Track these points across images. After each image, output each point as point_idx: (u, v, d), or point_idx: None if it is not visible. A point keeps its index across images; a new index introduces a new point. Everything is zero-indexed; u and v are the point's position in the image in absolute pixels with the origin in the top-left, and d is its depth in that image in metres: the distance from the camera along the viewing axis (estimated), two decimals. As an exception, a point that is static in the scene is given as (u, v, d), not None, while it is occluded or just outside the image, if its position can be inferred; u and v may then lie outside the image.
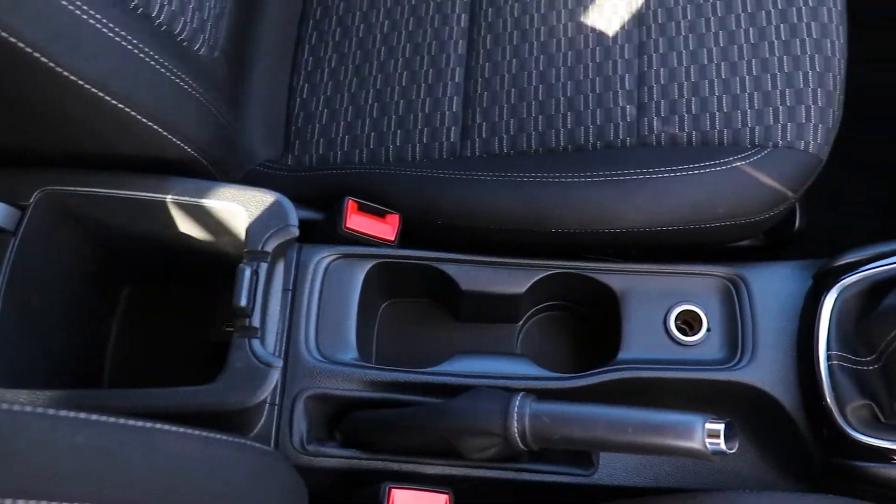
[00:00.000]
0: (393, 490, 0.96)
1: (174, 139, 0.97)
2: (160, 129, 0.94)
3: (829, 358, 1.03)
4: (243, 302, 0.89)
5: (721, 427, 0.86)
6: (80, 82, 0.84)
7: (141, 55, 0.92)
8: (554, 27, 1.19)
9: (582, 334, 1.18)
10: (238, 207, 0.94)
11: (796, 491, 1.06)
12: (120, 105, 0.90)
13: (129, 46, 0.90)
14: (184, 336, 1.13)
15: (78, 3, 0.82)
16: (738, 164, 1.07)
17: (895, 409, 0.99)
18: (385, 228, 1.10)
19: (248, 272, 0.90)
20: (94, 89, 0.86)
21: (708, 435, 0.86)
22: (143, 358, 1.13)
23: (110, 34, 0.87)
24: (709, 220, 1.07)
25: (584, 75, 1.16)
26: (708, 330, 1.09)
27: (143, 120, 0.93)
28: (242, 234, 0.95)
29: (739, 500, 0.95)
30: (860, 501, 0.95)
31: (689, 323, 1.11)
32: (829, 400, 1.02)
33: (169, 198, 0.95)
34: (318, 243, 1.10)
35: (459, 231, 1.11)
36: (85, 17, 0.84)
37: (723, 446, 0.86)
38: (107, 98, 0.87)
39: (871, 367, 1.01)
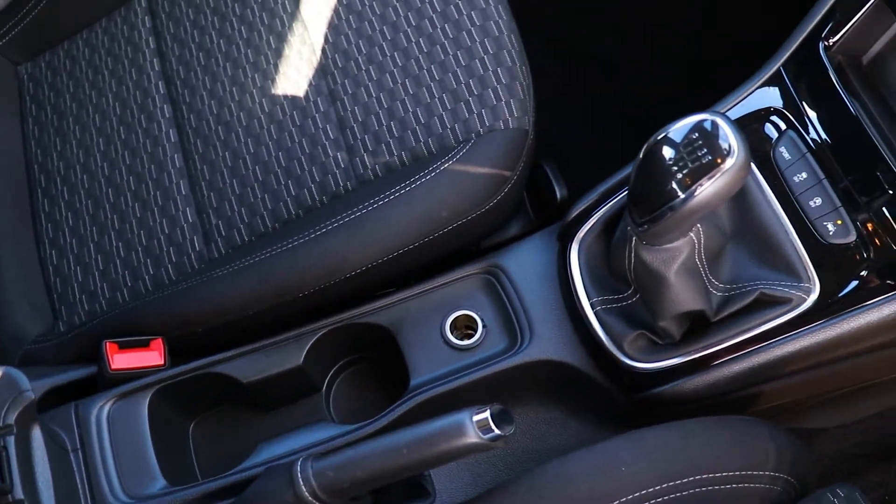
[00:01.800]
0: None
1: None
2: None
3: (593, 306, 1.05)
4: (-6, 482, 0.89)
5: (486, 414, 0.87)
6: None
7: None
8: (251, 108, 1.23)
9: (384, 377, 1.19)
10: (-30, 394, 0.94)
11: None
12: None
13: None
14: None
15: None
16: (445, 165, 1.10)
17: (663, 327, 1.01)
18: (151, 355, 1.11)
19: (-10, 452, 0.90)
20: None
21: (478, 426, 0.87)
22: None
23: None
24: (440, 226, 1.10)
25: (292, 141, 1.20)
26: (484, 327, 1.11)
27: None
28: (-15, 418, 0.95)
29: (546, 472, 0.96)
30: (655, 427, 0.97)
31: (470, 326, 1.13)
32: (606, 344, 1.04)
33: None
34: (97, 394, 1.10)
35: (223, 329, 1.13)
36: None
37: (497, 431, 0.87)
38: None
39: (633, 300, 1.03)
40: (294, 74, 1.23)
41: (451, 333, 1.11)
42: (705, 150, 0.85)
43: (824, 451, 1.41)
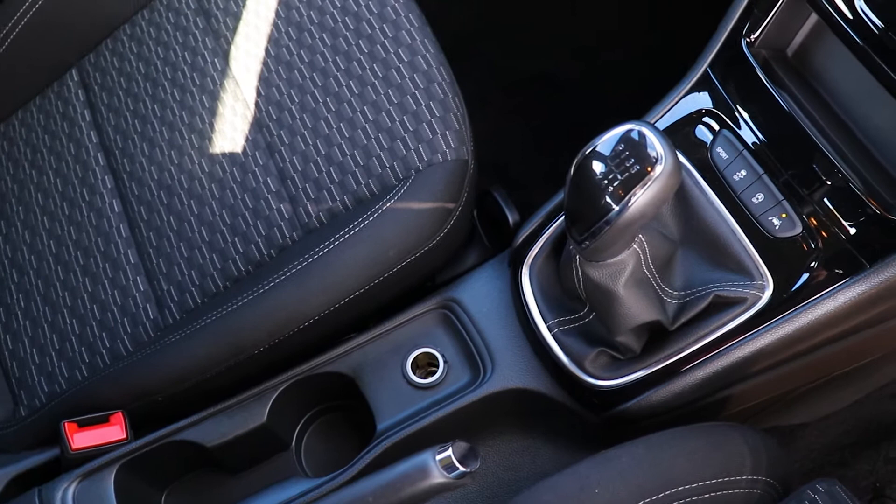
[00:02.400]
0: None
1: None
2: None
3: (550, 329, 1.04)
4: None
5: (449, 452, 0.86)
6: None
7: None
8: (191, 170, 1.22)
9: (354, 425, 1.17)
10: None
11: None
12: None
13: None
14: None
15: None
16: (387, 205, 1.09)
17: (621, 342, 1.00)
18: (113, 430, 1.09)
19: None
20: None
21: (442, 465, 0.86)
22: None
23: None
24: (389, 266, 1.09)
25: (234, 198, 1.19)
26: (446, 362, 1.10)
27: None
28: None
29: None
30: (625, 444, 0.95)
31: (432, 364, 1.11)
32: (567, 365, 1.03)
33: None
34: (60, 476, 1.08)
35: (183, 395, 1.11)
36: None
37: (461, 468, 0.86)
38: None
39: (589, 318, 1.02)
40: (230, 131, 1.22)
41: (413, 373, 1.09)
42: (633, 160, 0.84)
43: (810, 445, 1.39)
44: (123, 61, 1.33)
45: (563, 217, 1.06)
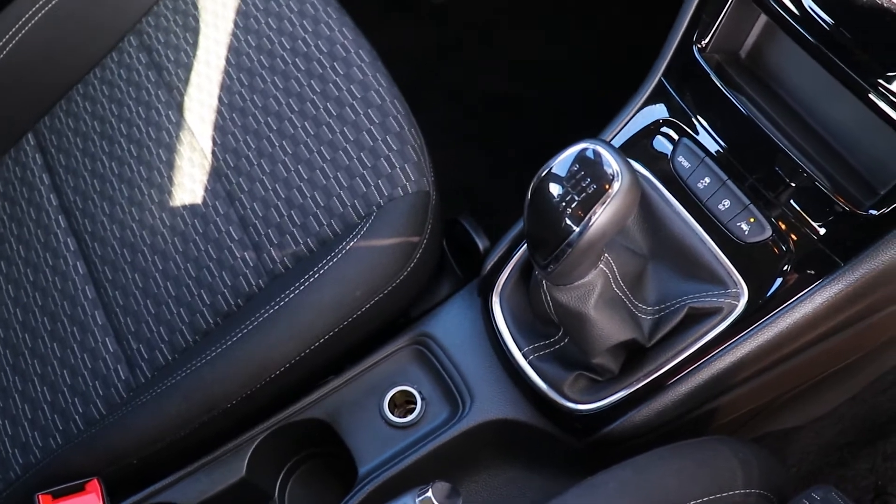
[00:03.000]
0: None
1: None
2: None
3: (525, 356, 1.02)
4: None
5: (429, 494, 0.83)
6: None
7: None
8: (153, 225, 1.20)
9: (337, 470, 1.14)
10: None
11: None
12: None
13: None
14: None
15: None
16: (350, 244, 1.07)
17: (598, 364, 0.98)
18: (89, 499, 1.06)
19: None
20: None
21: (424, 509, 0.83)
22: None
23: None
24: (357, 307, 1.07)
25: (198, 250, 1.17)
26: (423, 399, 1.07)
27: None
28: None
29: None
30: (610, 469, 0.93)
31: (410, 401, 1.09)
32: (546, 391, 1.01)
33: None
34: (40, 551, 1.05)
35: (158, 455, 1.08)
36: None
37: (443, 511, 0.83)
38: None
39: (564, 342, 1.00)
40: (189, 183, 1.20)
41: (392, 412, 1.07)
42: (590, 179, 0.83)
43: (806, 447, 1.37)
44: (79, 121, 1.32)
45: (528, 242, 1.04)
